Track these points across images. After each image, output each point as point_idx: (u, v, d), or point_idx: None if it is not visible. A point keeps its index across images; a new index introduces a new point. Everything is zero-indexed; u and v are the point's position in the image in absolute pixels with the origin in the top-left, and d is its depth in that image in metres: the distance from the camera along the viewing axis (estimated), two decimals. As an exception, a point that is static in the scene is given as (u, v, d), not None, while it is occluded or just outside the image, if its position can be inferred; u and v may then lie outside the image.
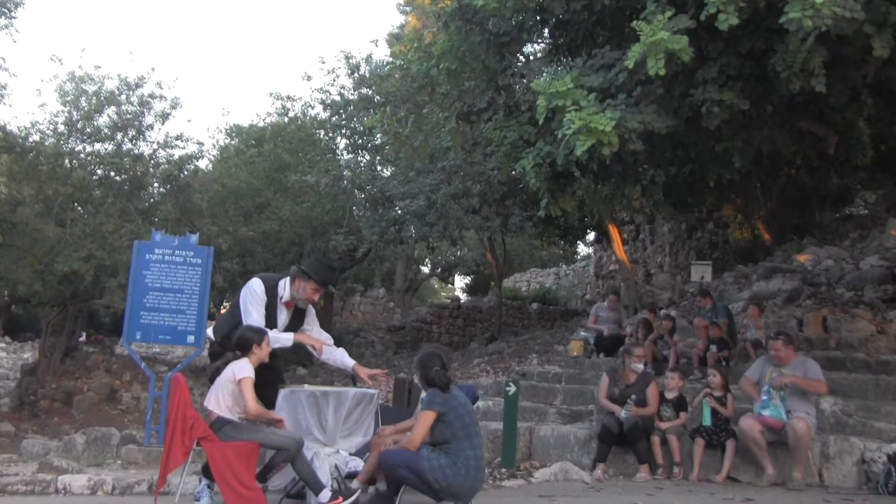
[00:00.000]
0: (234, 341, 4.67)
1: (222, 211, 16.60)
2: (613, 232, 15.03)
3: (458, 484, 4.12)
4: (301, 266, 5.19)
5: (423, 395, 4.48)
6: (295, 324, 5.19)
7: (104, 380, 14.37)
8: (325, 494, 4.42)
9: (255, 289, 5.01)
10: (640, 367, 6.91)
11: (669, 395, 6.81)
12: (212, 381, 4.64)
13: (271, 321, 5.01)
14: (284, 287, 5.08)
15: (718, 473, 6.36)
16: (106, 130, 14.24)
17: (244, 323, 4.88)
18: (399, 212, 15.43)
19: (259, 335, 4.71)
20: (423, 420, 4.26)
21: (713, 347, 8.70)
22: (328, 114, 18.87)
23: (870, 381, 7.40)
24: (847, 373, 7.77)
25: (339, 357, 5.32)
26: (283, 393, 4.88)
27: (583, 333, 12.29)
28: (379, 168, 18.41)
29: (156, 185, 15.91)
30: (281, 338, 4.98)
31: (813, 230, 14.53)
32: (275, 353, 4.94)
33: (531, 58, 10.46)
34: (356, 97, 18.05)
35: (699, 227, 18.20)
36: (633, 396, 6.66)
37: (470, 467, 4.16)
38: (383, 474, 4.43)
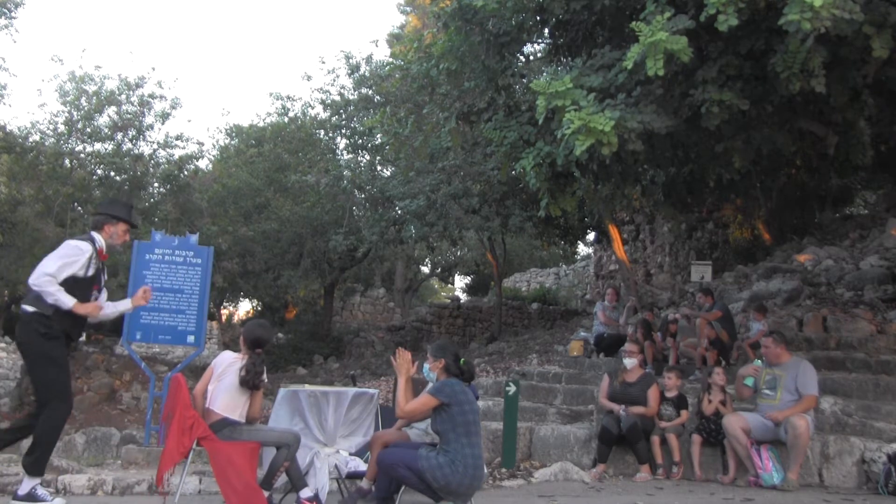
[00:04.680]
0: (252, 340, 4.73)
1: (222, 211, 16.63)
2: (613, 232, 15.03)
3: (456, 483, 4.13)
4: (105, 212, 4.88)
5: (426, 365, 4.55)
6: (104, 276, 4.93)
7: (104, 380, 14.37)
8: (307, 492, 4.45)
9: (78, 246, 4.61)
10: (631, 361, 6.92)
11: (669, 395, 6.82)
12: (255, 387, 4.61)
13: (98, 277, 4.77)
14: (98, 241, 4.77)
15: (718, 473, 6.37)
16: (106, 130, 14.27)
17: (38, 269, 4.46)
18: (399, 212, 15.44)
19: (272, 333, 4.91)
20: (424, 401, 4.28)
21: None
22: (328, 114, 18.91)
23: (870, 381, 7.41)
24: (847, 373, 7.78)
25: (114, 308, 4.97)
26: (282, 393, 4.88)
27: (583, 332, 12.29)
28: (379, 168, 18.44)
29: (156, 185, 15.93)
30: (119, 307, 4.78)
31: (813, 230, 14.54)
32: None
33: (531, 58, 10.45)
34: (356, 97, 18.09)
35: (699, 227, 18.21)
36: (624, 407, 6.68)
37: (468, 466, 4.16)
38: (379, 473, 4.43)
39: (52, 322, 4.51)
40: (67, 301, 4.52)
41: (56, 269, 4.51)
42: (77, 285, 4.59)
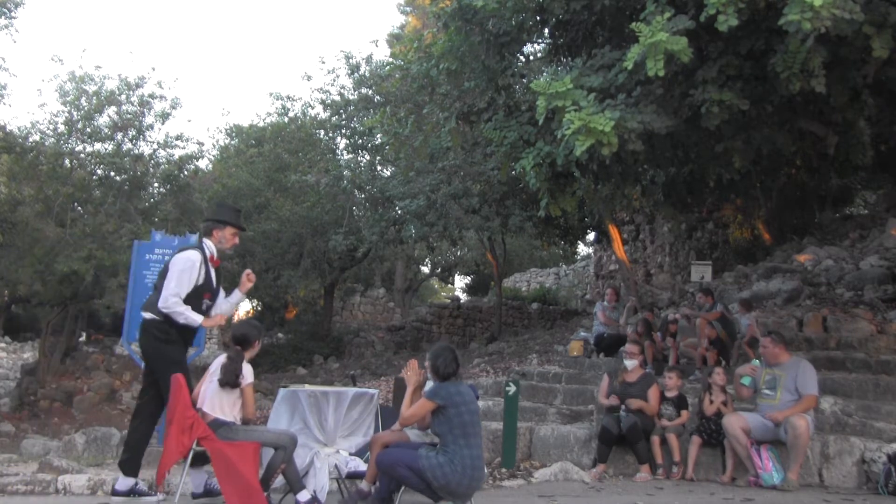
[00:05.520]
0: (238, 336, 4.69)
1: (222, 211, 16.58)
2: (613, 232, 15.03)
3: (455, 482, 4.15)
4: (213, 217, 5.12)
5: (429, 383, 4.57)
6: (218, 282, 5.11)
7: (104, 380, 14.39)
8: (304, 495, 4.44)
9: (191, 258, 4.81)
10: (632, 363, 6.92)
11: (669, 395, 6.82)
12: (233, 385, 4.59)
13: (209, 285, 4.95)
14: (208, 247, 4.97)
15: (718, 473, 6.37)
16: (106, 130, 14.25)
17: (164, 291, 4.71)
18: (399, 212, 15.43)
19: (259, 330, 4.80)
20: (420, 404, 4.37)
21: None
22: (328, 114, 18.90)
23: (870, 381, 7.41)
24: (847, 373, 7.77)
25: (230, 304, 5.19)
26: (282, 393, 4.88)
27: (583, 332, 12.28)
28: (379, 168, 18.43)
29: (156, 185, 15.93)
30: (191, 317, 4.84)
31: (813, 230, 14.54)
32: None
33: (531, 58, 10.45)
34: (356, 97, 18.08)
35: (699, 227, 18.21)
36: (624, 408, 6.69)
37: (467, 466, 4.18)
38: (380, 473, 4.44)
39: (168, 326, 4.76)
40: (196, 319, 4.81)
41: (179, 287, 4.74)
42: (189, 294, 4.81)
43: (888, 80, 7.27)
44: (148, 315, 4.84)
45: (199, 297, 4.88)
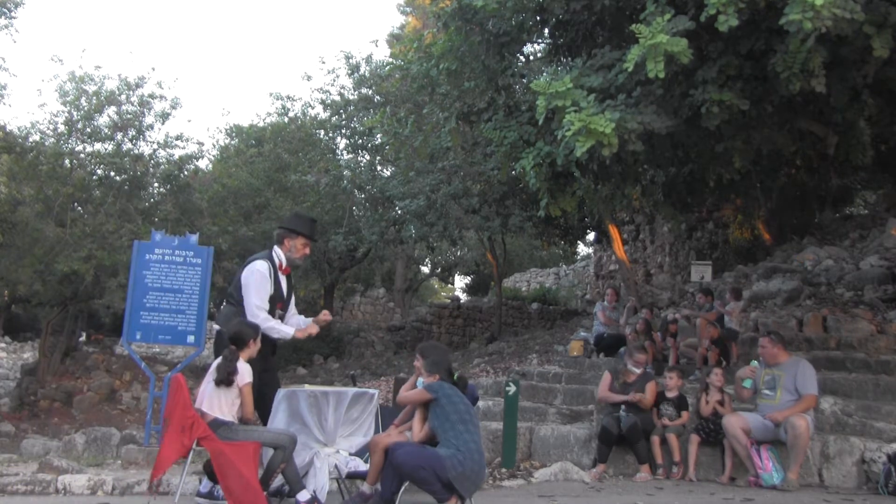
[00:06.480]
0: (231, 335, 4.69)
1: (222, 211, 16.59)
2: (613, 232, 15.02)
3: (470, 468, 4.23)
4: (284, 226, 5.17)
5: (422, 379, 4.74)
6: (290, 290, 5.18)
7: (104, 380, 14.37)
8: (304, 495, 4.44)
9: (261, 270, 4.88)
10: (637, 370, 6.91)
11: (670, 395, 6.81)
12: (227, 383, 4.60)
13: (279, 294, 5.02)
14: (277, 255, 5.04)
15: (718, 474, 6.37)
16: (106, 130, 14.22)
17: (246, 305, 4.82)
18: (399, 212, 15.43)
19: (254, 330, 4.77)
20: (418, 391, 4.63)
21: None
22: (328, 114, 18.89)
23: (870, 381, 7.41)
24: (847, 373, 7.77)
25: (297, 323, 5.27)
26: (282, 393, 4.88)
27: (583, 332, 12.28)
28: (379, 168, 18.42)
29: (156, 185, 15.90)
30: (282, 330, 4.97)
31: (813, 230, 14.53)
32: (270, 352, 5.01)
33: (531, 58, 10.46)
34: (356, 97, 18.07)
35: (699, 227, 18.20)
36: (624, 408, 6.70)
37: (472, 451, 4.29)
38: (386, 474, 4.45)
39: None
40: (287, 332, 4.90)
41: (260, 300, 4.80)
42: None
43: (888, 80, 7.27)
44: (223, 330, 4.94)
45: (272, 307, 4.94)
